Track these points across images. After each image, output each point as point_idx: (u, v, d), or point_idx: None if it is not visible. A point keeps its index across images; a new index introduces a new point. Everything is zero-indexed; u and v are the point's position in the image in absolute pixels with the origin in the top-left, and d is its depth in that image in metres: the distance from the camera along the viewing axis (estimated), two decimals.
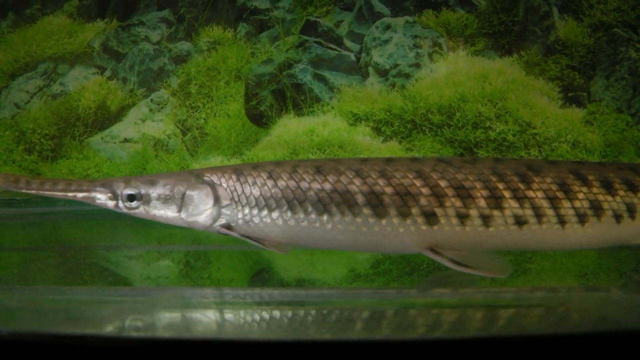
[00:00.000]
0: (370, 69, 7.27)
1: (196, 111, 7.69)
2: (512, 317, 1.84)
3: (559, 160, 2.39)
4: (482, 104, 6.68)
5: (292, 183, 2.21)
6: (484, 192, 2.12)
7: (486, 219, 2.12)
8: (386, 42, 7.33)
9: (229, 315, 1.87)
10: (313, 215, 2.19)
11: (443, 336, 1.60)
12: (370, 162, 2.26)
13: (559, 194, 2.14)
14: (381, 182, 2.16)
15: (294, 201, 2.20)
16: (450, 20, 7.58)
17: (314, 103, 6.96)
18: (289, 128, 6.71)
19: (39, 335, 1.35)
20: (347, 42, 7.62)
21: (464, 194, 2.13)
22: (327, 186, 2.18)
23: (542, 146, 6.52)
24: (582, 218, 2.14)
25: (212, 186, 2.31)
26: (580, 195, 2.13)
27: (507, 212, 2.12)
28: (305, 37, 7.38)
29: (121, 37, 8.30)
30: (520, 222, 2.13)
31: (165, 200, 2.30)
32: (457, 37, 7.53)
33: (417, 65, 7.16)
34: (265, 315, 1.88)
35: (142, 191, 2.31)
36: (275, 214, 2.22)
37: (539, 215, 2.13)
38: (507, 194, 2.13)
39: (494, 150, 6.54)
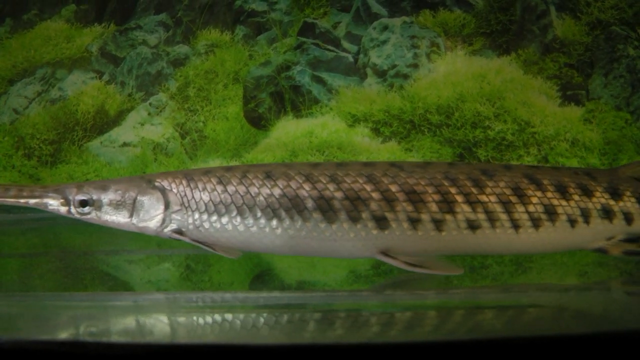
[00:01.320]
0: (369, 70, 7.27)
1: (195, 114, 7.69)
2: (509, 317, 1.84)
3: (513, 165, 2.35)
4: (480, 104, 6.68)
5: (241, 188, 2.21)
6: (436, 197, 2.11)
7: (438, 224, 2.12)
8: (384, 42, 7.33)
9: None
10: (262, 221, 2.19)
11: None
12: (321, 166, 2.25)
13: (513, 199, 2.12)
14: (331, 186, 2.15)
15: (243, 206, 2.20)
16: (448, 20, 7.58)
17: (313, 105, 6.96)
18: (288, 130, 6.71)
19: (39, 342, 1.35)
20: (345, 44, 7.62)
21: (415, 198, 2.12)
22: (277, 191, 2.18)
23: (541, 145, 6.52)
24: (536, 223, 2.13)
25: (163, 191, 2.31)
26: (535, 200, 2.12)
27: (460, 216, 2.11)
28: (303, 39, 7.38)
29: (119, 41, 8.30)
30: (473, 226, 2.12)
31: (117, 205, 2.30)
32: (454, 37, 7.53)
33: (415, 66, 7.17)
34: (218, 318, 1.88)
35: (94, 197, 2.31)
36: (224, 219, 2.22)
37: (492, 219, 2.12)
38: (459, 198, 2.13)
39: (493, 149, 6.54)
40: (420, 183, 2.12)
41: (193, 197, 2.26)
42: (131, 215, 2.30)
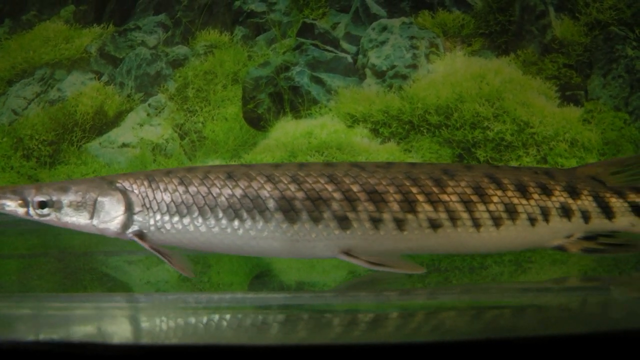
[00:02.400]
0: (368, 71, 7.27)
1: (194, 115, 7.69)
2: (507, 318, 1.84)
3: (474, 165, 2.39)
4: (479, 104, 6.68)
5: (203, 189, 2.20)
6: (397, 196, 2.12)
7: (400, 223, 2.12)
8: (383, 43, 7.34)
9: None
10: (224, 221, 2.18)
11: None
12: (282, 167, 2.25)
13: (474, 198, 2.14)
14: (293, 187, 2.15)
15: (205, 207, 2.19)
16: (447, 20, 7.59)
17: (312, 105, 6.96)
18: (287, 131, 6.71)
19: (39, 343, 1.35)
20: (344, 44, 7.63)
21: (376, 198, 2.13)
22: (238, 192, 2.17)
23: (540, 145, 6.52)
24: (497, 221, 2.14)
25: (124, 192, 2.29)
26: (495, 199, 2.14)
27: (422, 215, 2.12)
28: (302, 40, 7.39)
29: (118, 42, 8.30)
30: (435, 225, 2.13)
31: (77, 207, 2.27)
32: (453, 38, 7.54)
33: (414, 66, 7.17)
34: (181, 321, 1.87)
35: (54, 198, 2.28)
36: (186, 220, 2.20)
37: (453, 218, 2.13)
38: (421, 197, 2.14)
39: (492, 150, 6.54)
40: (382, 183, 2.13)
41: (155, 198, 2.24)
42: (92, 217, 2.27)
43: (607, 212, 2.18)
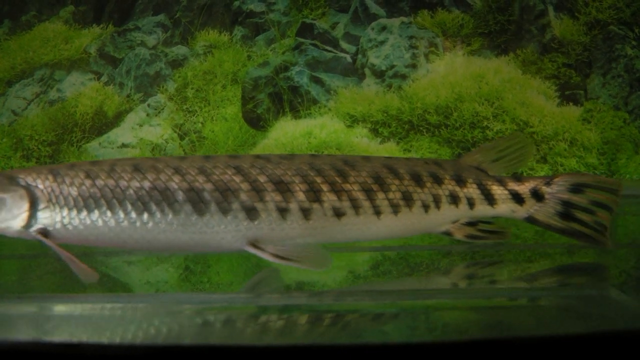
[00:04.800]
0: (367, 71, 7.27)
1: (193, 115, 7.69)
2: (505, 318, 1.84)
3: (371, 156, 2.47)
4: (479, 104, 6.68)
5: (110, 182, 2.15)
6: (303, 186, 2.16)
7: (306, 212, 2.16)
8: (382, 43, 7.34)
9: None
10: (133, 215, 2.14)
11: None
12: (189, 159, 2.25)
13: (375, 187, 2.23)
14: (200, 178, 2.15)
15: (112, 200, 2.15)
16: (446, 20, 7.59)
17: (311, 105, 6.97)
18: (286, 131, 6.71)
19: (39, 344, 1.35)
20: (343, 44, 7.63)
21: (283, 188, 2.16)
22: (146, 184, 2.14)
23: (539, 145, 6.52)
24: (395, 208, 2.24)
25: (27, 188, 2.17)
26: (394, 187, 2.24)
27: (327, 204, 2.17)
28: (301, 40, 7.39)
29: (117, 42, 8.30)
30: (339, 213, 2.18)
31: None
32: (453, 37, 7.54)
33: (414, 66, 7.17)
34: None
35: None
36: (94, 215, 2.14)
37: (356, 206, 2.19)
38: (325, 187, 2.18)
39: None
40: (288, 173, 2.17)
41: (61, 192, 2.15)
42: None
43: (490, 199, 2.34)
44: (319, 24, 7.62)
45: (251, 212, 2.16)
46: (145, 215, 2.13)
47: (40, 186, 2.17)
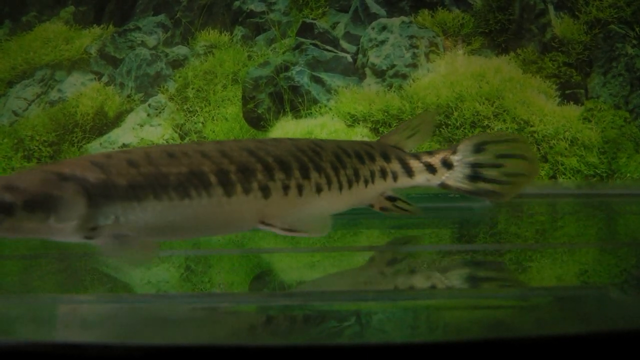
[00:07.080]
0: (367, 70, 7.28)
1: (194, 115, 7.70)
2: (505, 318, 1.84)
3: (325, 139, 2.80)
4: (479, 103, 6.68)
5: (151, 168, 2.11)
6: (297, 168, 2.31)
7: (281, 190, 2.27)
8: (382, 42, 7.34)
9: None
10: (177, 200, 2.12)
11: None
12: (205, 144, 2.28)
13: (337, 165, 2.43)
14: (225, 161, 2.20)
15: (157, 187, 2.11)
16: (447, 19, 7.59)
17: (312, 105, 6.97)
18: (287, 130, 6.72)
19: (38, 344, 1.35)
20: (344, 44, 7.63)
21: (285, 167, 2.28)
22: (184, 169, 2.13)
23: (540, 144, 6.52)
24: (350, 183, 2.45)
25: (80, 183, 1.96)
26: (349, 165, 2.47)
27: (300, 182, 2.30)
28: (302, 39, 7.39)
29: (118, 43, 8.31)
30: (318, 189, 2.36)
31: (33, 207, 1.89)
32: (453, 37, 7.54)
33: (414, 66, 7.17)
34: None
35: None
36: (147, 204, 2.06)
37: (329, 182, 2.38)
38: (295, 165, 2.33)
39: None
40: (284, 153, 2.31)
41: (114, 184, 2.00)
42: (48, 217, 1.93)
43: (409, 171, 2.64)
44: (319, 23, 7.62)
45: (265, 191, 2.23)
46: (187, 200, 2.12)
47: (92, 180, 1.98)
